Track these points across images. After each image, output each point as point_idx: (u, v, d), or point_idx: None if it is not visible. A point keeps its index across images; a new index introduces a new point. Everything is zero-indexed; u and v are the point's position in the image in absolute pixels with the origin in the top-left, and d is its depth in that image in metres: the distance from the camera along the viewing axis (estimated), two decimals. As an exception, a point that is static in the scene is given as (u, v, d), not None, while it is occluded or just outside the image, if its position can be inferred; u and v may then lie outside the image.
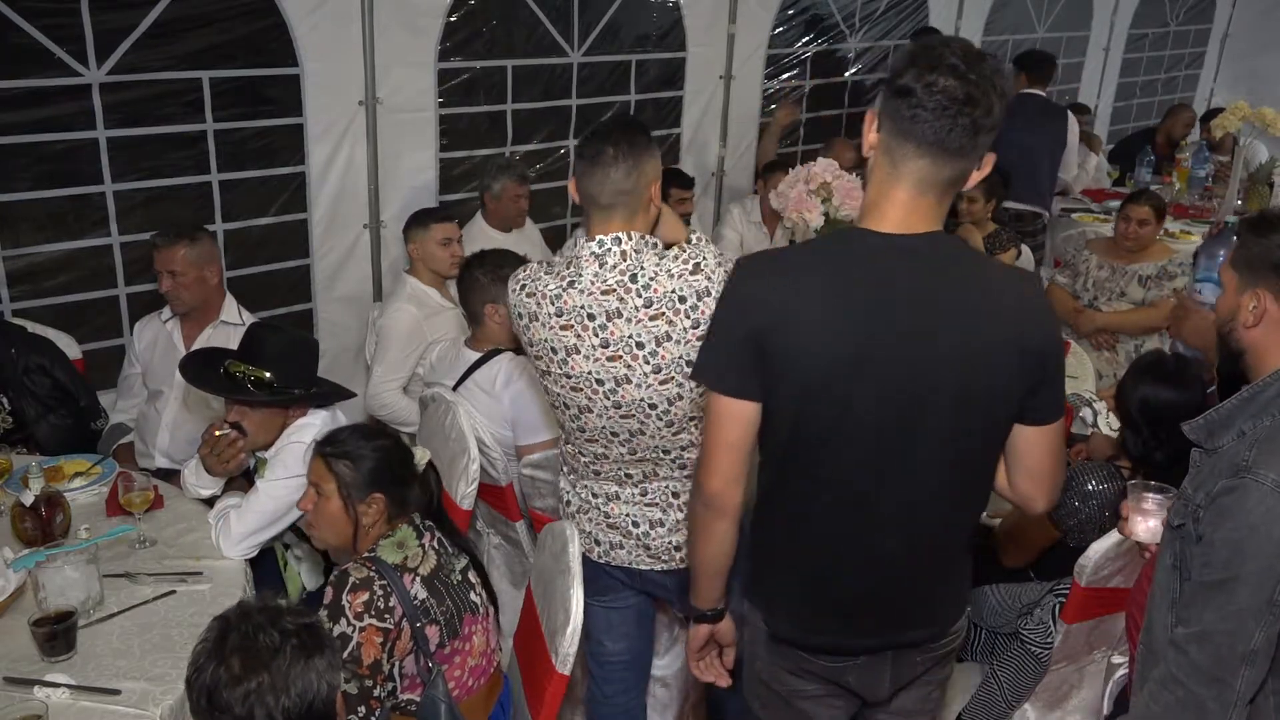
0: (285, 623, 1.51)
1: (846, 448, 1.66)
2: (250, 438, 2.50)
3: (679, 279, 2.02)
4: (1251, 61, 8.64)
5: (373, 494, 2.10)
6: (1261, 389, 1.58)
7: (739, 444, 1.70)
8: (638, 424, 2.11)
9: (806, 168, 3.73)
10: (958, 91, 1.50)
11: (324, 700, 1.51)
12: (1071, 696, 2.64)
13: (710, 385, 1.70)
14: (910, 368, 1.60)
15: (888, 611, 1.79)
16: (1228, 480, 1.51)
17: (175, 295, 3.09)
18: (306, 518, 2.16)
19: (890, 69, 1.61)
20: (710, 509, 1.76)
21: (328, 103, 3.83)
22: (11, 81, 3.25)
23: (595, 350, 2.06)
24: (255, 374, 2.45)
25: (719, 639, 1.94)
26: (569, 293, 2.06)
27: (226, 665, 1.47)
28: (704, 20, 5.04)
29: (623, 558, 2.27)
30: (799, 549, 1.78)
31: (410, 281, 3.66)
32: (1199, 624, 1.52)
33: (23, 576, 2.18)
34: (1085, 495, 2.51)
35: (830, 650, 1.82)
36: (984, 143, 1.57)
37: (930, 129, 1.52)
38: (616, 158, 2.00)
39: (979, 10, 6.52)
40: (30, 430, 3.08)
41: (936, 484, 1.69)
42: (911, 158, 1.57)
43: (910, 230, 1.61)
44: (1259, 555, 1.46)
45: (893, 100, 1.56)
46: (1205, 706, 1.51)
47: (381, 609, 1.97)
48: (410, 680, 2.06)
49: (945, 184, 1.60)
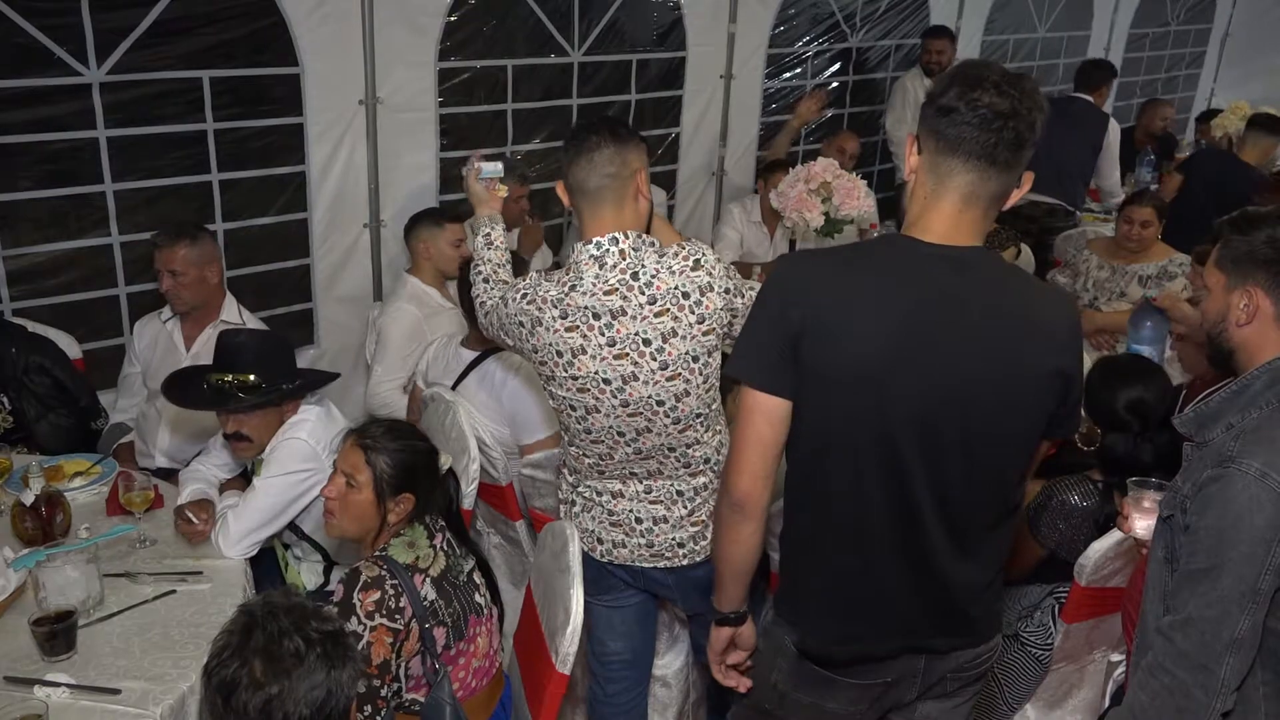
0: (311, 629, 1.49)
1: (879, 451, 1.65)
2: (256, 441, 2.49)
3: (680, 275, 2.04)
4: (1252, 61, 8.64)
5: (404, 493, 2.11)
6: (1250, 382, 1.59)
7: (770, 442, 1.69)
8: (645, 422, 2.11)
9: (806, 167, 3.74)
10: (1001, 105, 1.54)
11: (341, 712, 1.49)
12: (1072, 696, 2.64)
13: (744, 380, 1.70)
14: (948, 375, 1.61)
15: (923, 617, 1.78)
16: (1213, 470, 1.53)
17: (176, 294, 3.09)
18: (329, 504, 2.13)
19: (928, 96, 1.65)
20: (737, 509, 1.74)
21: (328, 102, 3.83)
22: (12, 81, 3.25)
23: (602, 350, 2.06)
24: (240, 379, 2.45)
25: (739, 643, 1.91)
26: (571, 296, 2.07)
27: (249, 667, 1.44)
28: (704, 20, 5.05)
29: (625, 556, 2.27)
30: (830, 554, 1.76)
31: (411, 281, 3.66)
32: (1184, 611, 1.53)
33: (23, 576, 2.18)
34: (1067, 512, 2.50)
35: (859, 661, 1.80)
36: (1026, 157, 1.60)
37: (976, 143, 1.56)
38: (600, 143, 2.06)
39: (979, 10, 6.52)
40: (30, 430, 3.08)
41: (967, 488, 1.69)
42: (958, 172, 1.60)
43: (955, 242, 1.63)
44: (1242, 543, 1.48)
45: (935, 120, 1.60)
46: (1191, 694, 1.52)
47: (392, 609, 1.98)
48: (416, 681, 2.06)
49: (990, 199, 1.62)
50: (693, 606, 2.39)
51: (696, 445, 2.17)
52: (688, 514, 2.22)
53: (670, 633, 2.72)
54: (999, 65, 1.61)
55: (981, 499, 1.72)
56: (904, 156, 1.74)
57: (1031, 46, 7.03)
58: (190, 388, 2.54)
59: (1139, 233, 4.25)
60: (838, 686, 1.81)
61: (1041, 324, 1.66)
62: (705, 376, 2.11)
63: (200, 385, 2.50)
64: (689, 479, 2.20)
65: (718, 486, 2.23)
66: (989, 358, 1.62)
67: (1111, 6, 7.47)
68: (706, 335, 2.07)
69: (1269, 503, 1.47)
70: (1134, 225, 4.25)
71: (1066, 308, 1.74)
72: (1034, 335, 1.65)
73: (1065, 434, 1.75)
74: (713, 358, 2.11)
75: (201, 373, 2.55)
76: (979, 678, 1.92)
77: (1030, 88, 1.57)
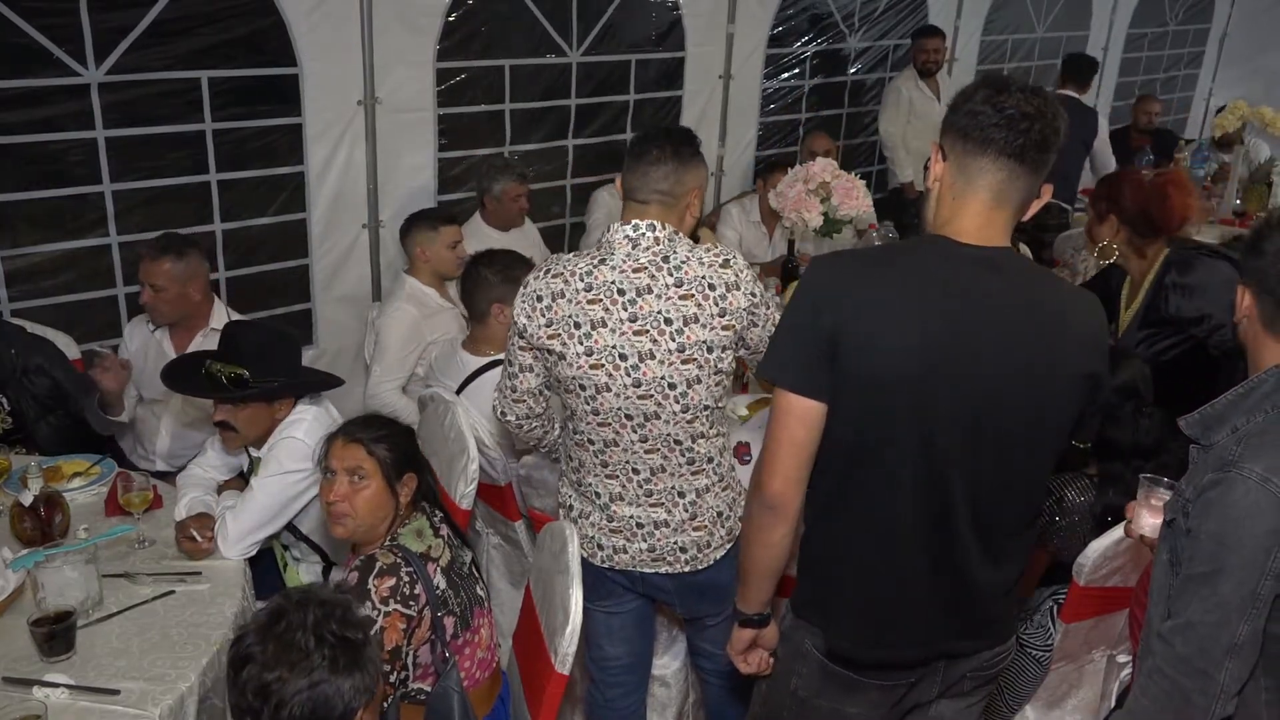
0: (328, 631, 1.51)
1: (916, 454, 1.65)
2: (242, 434, 2.50)
3: (709, 268, 2.08)
4: (1250, 61, 8.64)
5: (408, 473, 2.15)
6: (1256, 385, 1.59)
7: (804, 443, 1.69)
8: (654, 405, 2.12)
9: (805, 167, 3.74)
10: (1027, 107, 1.59)
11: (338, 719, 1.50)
12: (1071, 696, 2.63)
13: (778, 382, 1.69)
14: (987, 378, 1.62)
15: (950, 619, 1.78)
16: (1214, 474, 1.53)
17: (154, 307, 3.09)
18: (338, 507, 2.11)
19: (951, 105, 1.70)
20: (770, 510, 1.73)
21: (327, 102, 3.83)
22: (10, 81, 3.25)
23: (623, 324, 2.08)
24: (232, 371, 2.46)
25: (762, 644, 1.91)
26: (600, 269, 2.10)
27: (263, 647, 1.49)
28: (703, 20, 5.05)
29: (626, 561, 2.27)
30: (861, 557, 1.76)
31: (410, 281, 3.66)
32: (1184, 615, 1.53)
33: (22, 576, 2.18)
34: (1065, 509, 2.50)
35: (887, 666, 1.80)
36: (1050, 162, 1.64)
37: (1005, 142, 1.60)
38: (659, 159, 2.11)
39: (978, 10, 6.52)
40: (29, 430, 3.07)
41: (1000, 490, 1.70)
42: (988, 171, 1.62)
43: (987, 242, 1.64)
44: (1242, 548, 1.47)
45: (962, 123, 1.63)
46: (1190, 698, 1.52)
47: (407, 595, 2.00)
48: (424, 669, 2.08)
49: (1018, 200, 1.65)
50: (691, 611, 2.39)
51: (702, 439, 2.18)
52: (689, 518, 2.22)
53: (670, 633, 2.72)
54: (1019, 77, 1.66)
55: (1012, 502, 1.73)
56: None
57: (1030, 46, 7.02)
58: (187, 373, 2.55)
59: None
60: (861, 689, 1.82)
61: (1075, 326, 1.68)
62: (718, 369, 2.12)
63: (199, 371, 2.52)
64: (691, 477, 2.20)
65: (719, 490, 2.24)
66: (1026, 360, 1.63)
67: (1110, 6, 7.47)
68: (725, 330, 2.08)
69: (1270, 508, 1.46)
70: None
71: (1096, 310, 1.76)
72: (1068, 337, 1.66)
73: (1087, 435, 1.77)
74: (727, 354, 2.12)
75: (204, 359, 2.56)
76: (995, 677, 1.93)
77: (1051, 96, 1.64)
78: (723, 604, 2.30)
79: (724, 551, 2.26)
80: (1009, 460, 1.68)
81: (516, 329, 2.20)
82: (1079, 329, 1.68)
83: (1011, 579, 1.82)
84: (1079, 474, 2.53)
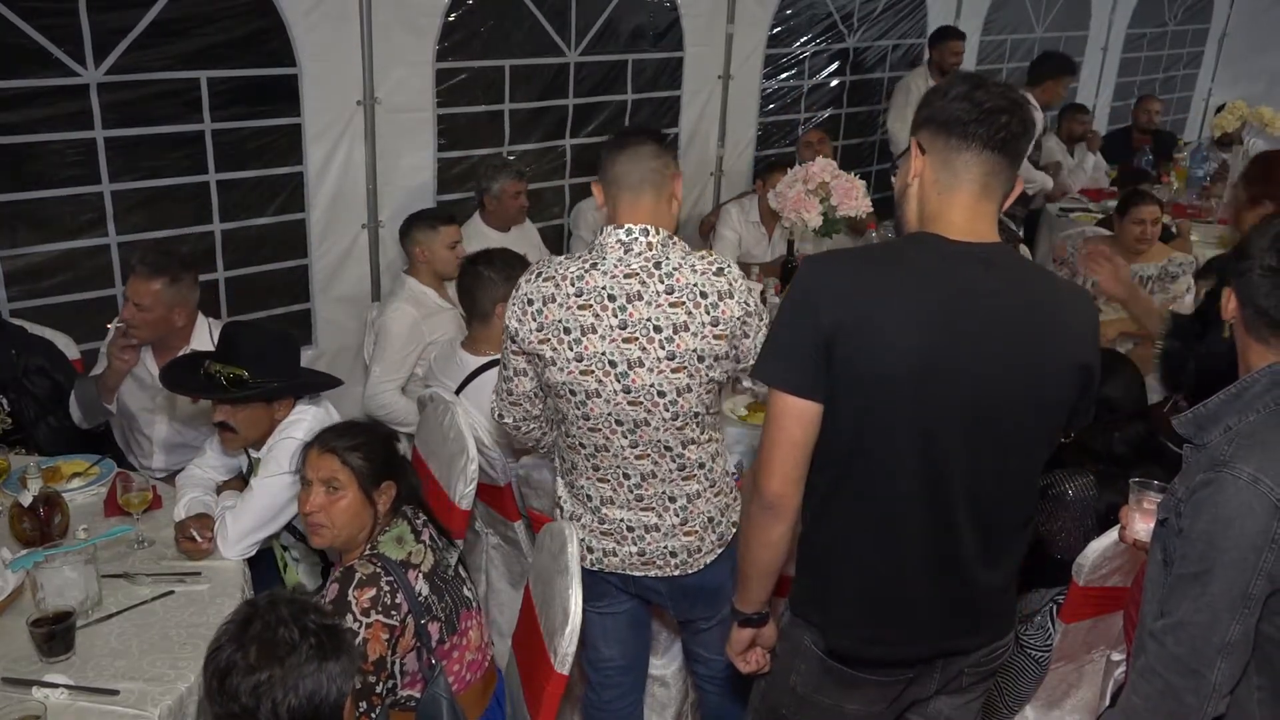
0: (309, 621, 1.53)
1: (915, 451, 1.65)
2: (242, 434, 2.50)
3: (702, 275, 2.08)
4: (1249, 61, 8.65)
5: (386, 481, 2.14)
6: (1248, 385, 1.59)
7: (801, 443, 1.69)
8: (644, 412, 2.11)
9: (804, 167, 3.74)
10: (1002, 103, 1.64)
11: (332, 705, 1.52)
12: (1070, 696, 2.63)
13: (774, 384, 1.69)
14: (983, 373, 1.62)
15: (950, 616, 1.78)
16: (1205, 474, 1.53)
17: (132, 324, 2.94)
18: (314, 518, 2.12)
19: (924, 101, 1.72)
20: (768, 510, 1.74)
21: (326, 102, 3.83)
22: (10, 81, 3.25)
23: (612, 331, 2.07)
24: (230, 371, 2.45)
25: (761, 643, 1.92)
26: (591, 274, 2.09)
27: (244, 652, 1.50)
28: (702, 20, 5.05)
29: (616, 564, 2.27)
30: (861, 555, 1.76)
31: (409, 282, 3.66)
32: (1175, 615, 1.53)
33: (21, 577, 2.18)
34: (1065, 505, 2.50)
35: (886, 663, 1.80)
36: (1025, 151, 1.68)
37: (986, 132, 1.63)
38: (644, 141, 2.15)
39: (977, 10, 6.53)
40: (29, 431, 3.07)
41: (998, 487, 1.71)
42: (973, 164, 1.64)
43: (977, 238, 1.65)
44: (1232, 548, 1.47)
45: (942, 117, 1.65)
46: (1182, 698, 1.51)
47: (388, 605, 1.99)
48: (411, 677, 2.07)
49: (1000, 191, 1.67)
50: (684, 613, 2.39)
51: (693, 445, 2.17)
52: (680, 523, 2.22)
53: (668, 634, 2.71)
54: (990, 76, 1.73)
55: (1010, 498, 1.74)
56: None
57: (1029, 46, 7.02)
58: (186, 373, 2.55)
59: (1150, 231, 4.14)
60: (860, 685, 1.82)
61: (1065, 319, 1.69)
62: (709, 378, 2.12)
63: (197, 371, 2.51)
64: (682, 483, 2.20)
65: (711, 495, 2.24)
66: (1020, 354, 1.64)
67: (1109, 6, 7.48)
68: (718, 339, 2.08)
69: (1260, 508, 1.46)
70: (1145, 225, 4.13)
71: (1086, 303, 1.78)
72: (1060, 330, 1.68)
73: (1080, 426, 1.79)
74: (719, 363, 2.11)
75: (203, 360, 2.55)
76: (993, 673, 1.94)
77: (1018, 91, 1.69)
78: (715, 607, 2.30)
79: (715, 556, 2.26)
80: (1007, 456, 1.69)
81: (509, 333, 2.19)
82: (1070, 320, 1.70)
83: (1009, 577, 1.83)
84: (1079, 469, 2.54)
